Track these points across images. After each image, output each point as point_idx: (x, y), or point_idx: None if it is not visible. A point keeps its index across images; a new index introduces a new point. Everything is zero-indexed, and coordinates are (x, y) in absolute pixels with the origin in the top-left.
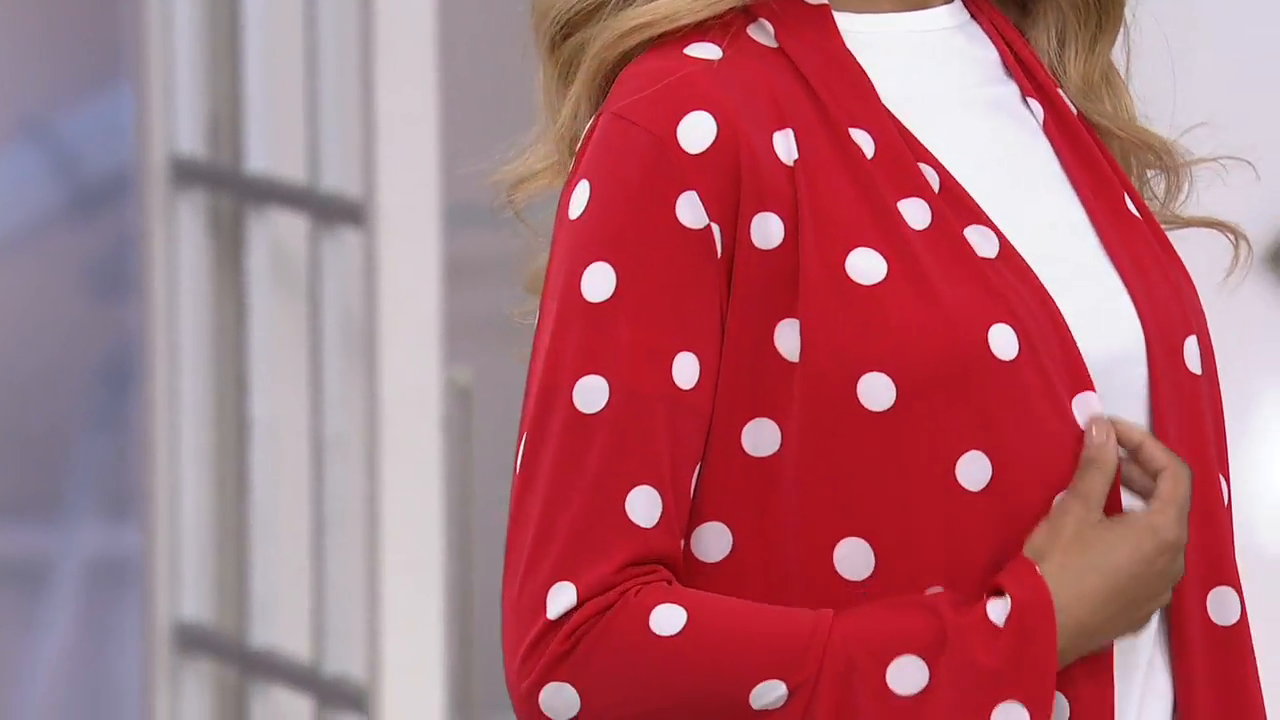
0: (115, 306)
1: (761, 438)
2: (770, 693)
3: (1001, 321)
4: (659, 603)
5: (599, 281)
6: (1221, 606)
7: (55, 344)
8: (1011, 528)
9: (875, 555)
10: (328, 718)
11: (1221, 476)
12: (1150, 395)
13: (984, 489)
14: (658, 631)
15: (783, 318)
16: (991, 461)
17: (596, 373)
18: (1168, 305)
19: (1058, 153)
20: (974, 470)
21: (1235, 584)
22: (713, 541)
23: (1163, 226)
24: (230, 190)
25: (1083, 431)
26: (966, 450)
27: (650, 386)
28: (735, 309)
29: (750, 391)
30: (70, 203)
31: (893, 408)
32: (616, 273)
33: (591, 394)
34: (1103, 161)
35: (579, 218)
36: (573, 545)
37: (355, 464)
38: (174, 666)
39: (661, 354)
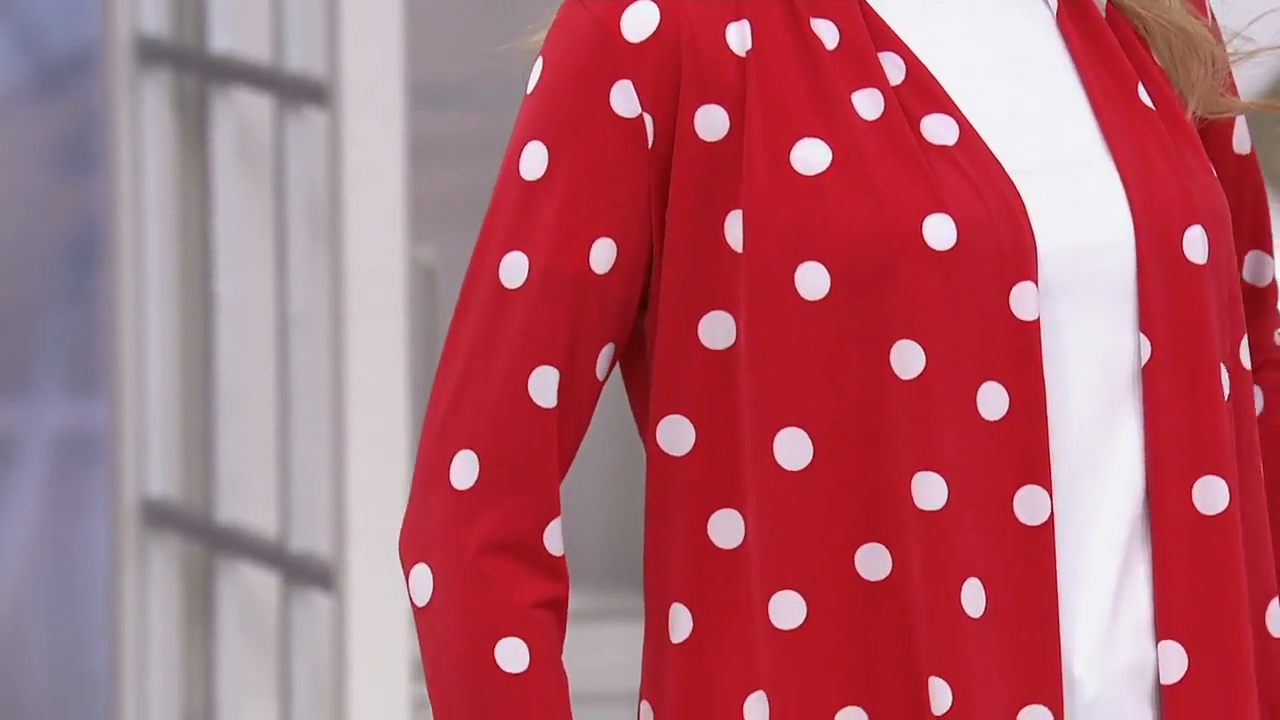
0: (80, 184)
1: (717, 331)
2: None
3: (940, 212)
4: (514, 634)
5: (534, 160)
6: (1208, 495)
7: (21, 220)
8: (942, 416)
9: (812, 444)
10: (294, 593)
11: (1226, 368)
12: (1137, 283)
13: (916, 377)
14: (500, 662)
15: (730, 209)
16: (925, 350)
17: (520, 249)
18: (1168, 194)
19: (1069, 44)
20: (907, 359)
21: (1226, 475)
22: (677, 434)
23: (1219, 113)
24: (195, 70)
25: (1019, 321)
26: (899, 339)
27: (567, 267)
28: (681, 202)
29: (704, 285)
30: (35, 80)
31: (828, 297)
32: (550, 153)
33: (513, 270)
34: (1119, 52)
35: (530, 94)
36: (478, 417)
37: (320, 342)
38: (141, 542)
39: (581, 236)
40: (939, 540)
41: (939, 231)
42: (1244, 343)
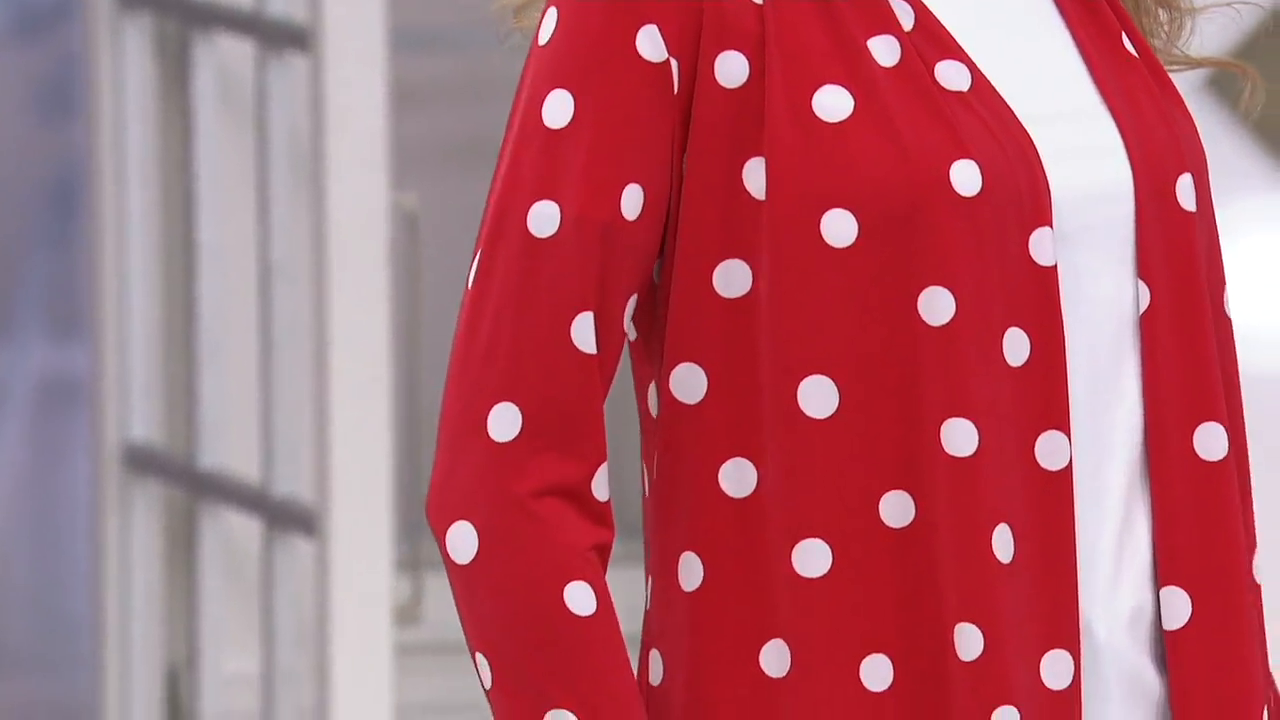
0: (61, 128)
1: (733, 278)
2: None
3: (965, 157)
4: (579, 577)
5: (558, 108)
6: (1208, 441)
7: (1, 165)
8: (971, 363)
9: (839, 392)
10: (276, 539)
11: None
12: (1136, 232)
13: (946, 324)
14: (569, 605)
15: (750, 156)
16: (954, 296)
17: (550, 198)
18: (1160, 143)
19: None
20: (936, 305)
21: (1222, 420)
22: (690, 383)
23: (1171, 67)
24: (176, 14)
25: (1039, 267)
26: (928, 285)
27: (600, 214)
28: (700, 147)
29: (721, 232)
30: (16, 24)
31: (855, 244)
32: (575, 101)
33: (544, 219)
34: (1102, 2)
35: (546, 44)
36: (519, 366)
37: (302, 287)
38: (123, 488)
39: (612, 183)
40: (969, 486)
41: (965, 177)
42: (1226, 290)
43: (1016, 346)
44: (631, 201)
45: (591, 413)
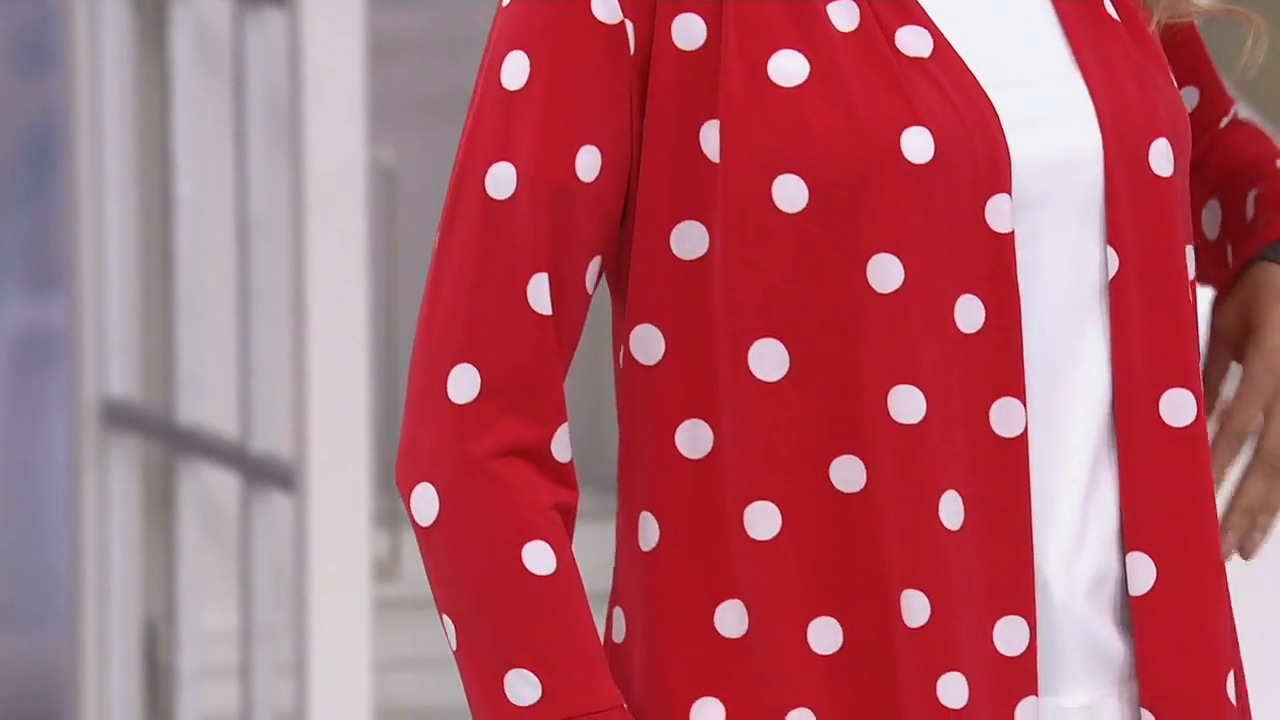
0: (38, 82)
1: (689, 240)
2: (528, 684)
3: (917, 125)
4: (538, 536)
5: (515, 70)
6: (1175, 408)
7: None
8: (919, 330)
9: (789, 356)
10: (255, 494)
11: (1189, 283)
12: (1105, 197)
13: (894, 291)
14: (528, 565)
15: (706, 119)
16: (903, 263)
17: (506, 159)
18: (1134, 108)
19: None
20: (884, 272)
21: (1193, 387)
22: (648, 343)
23: (1180, 18)
24: None
25: (995, 234)
26: (876, 252)
27: (551, 175)
28: (658, 109)
29: (678, 194)
30: None
31: (805, 209)
32: (531, 62)
33: (501, 180)
34: None
35: (507, 6)
36: (476, 327)
37: (281, 242)
38: (101, 443)
39: (565, 145)
40: (916, 453)
41: (916, 144)
42: (1189, 252)
43: (970, 313)
44: (587, 163)
45: (549, 374)
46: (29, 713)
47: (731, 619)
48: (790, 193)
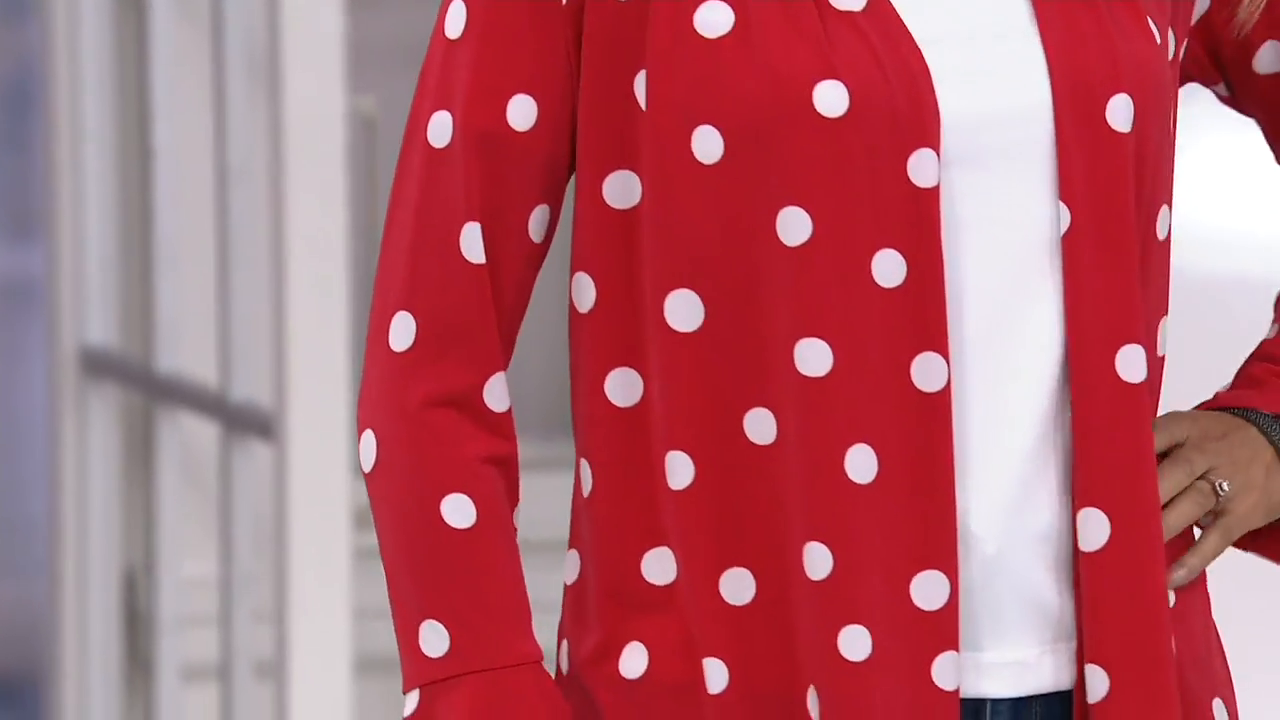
0: (16, 28)
1: (622, 189)
2: (438, 636)
3: (832, 78)
4: (460, 489)
5: (455, 19)
6: (1129, 364)
7: None
8: (828, 284)
9: (704, 307)
10: (235, 443)
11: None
12: (1056, 153)
13: (802, 245)
14: (446, 518)
15: (639, 69)
16: (811, 217)
17: (445, 108)
18: (1092, 62)
19: None
20: (793, 226)
21: (1144, 342)
22: (583, 291)
23: None
24: None
25: (916, 188)
26: (785, 205)
27: (480, 123)
28: (591, 60)
29: (612, 144)
30: None
31: (721, 161)
32: (468, 11)
33: (440, 129)
34: None
35: None
36: (414, 276)
37: (260, 191)
38: (80, 391)
39: (495, 93)
40: (821, 406)
41: (829, 98)
42: (1162, 212)
43: (889, 268)
44: (520, 111)
45: (482, 322)
46: (8, 660)
47: (659, 566)
48: (707, 144)
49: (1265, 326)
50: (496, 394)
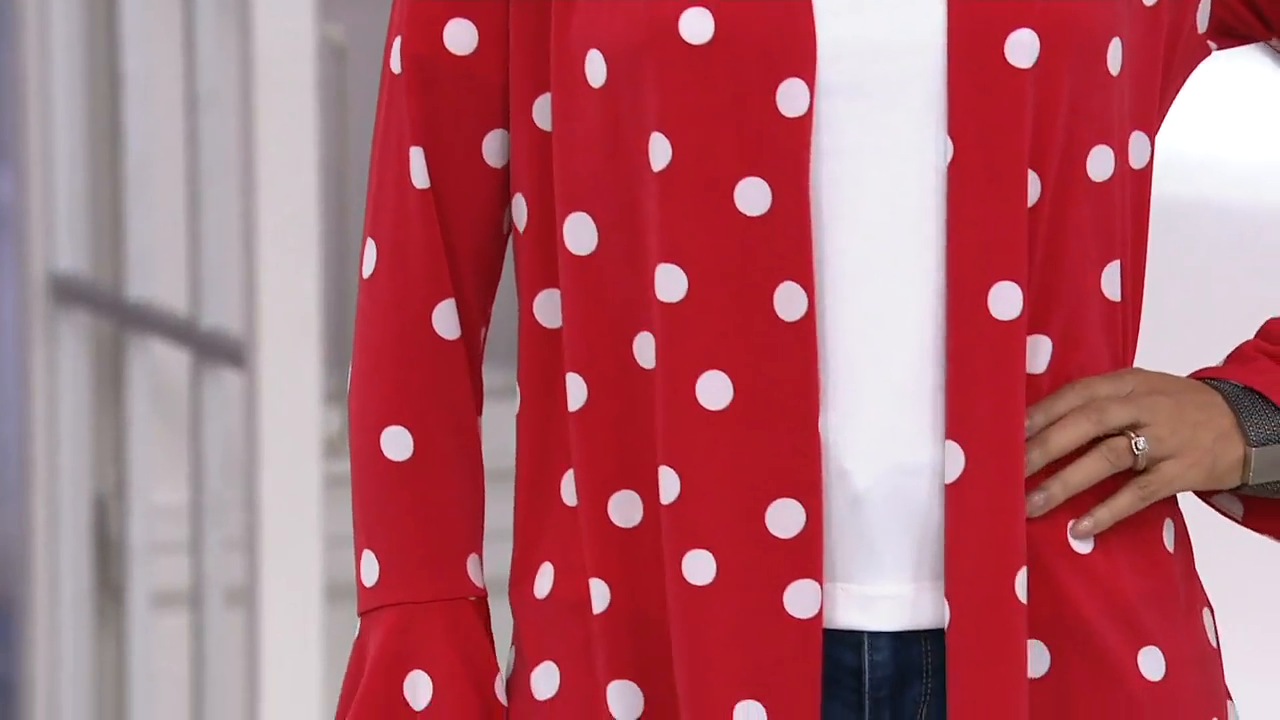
0: None
1: (545, 113)
2: (371, 566)
3: (698, 6)
4: (398, 421)
5: None
6: (1003, 301)
7: None
8: (687, 210)
9: (597, 230)
10: (205, 370)
11: (1037, 174)
12: (947, 86)
13: (663, 170)
14: (384, 450)
15: None
16: (670, 144)
17: (400, 34)
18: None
19: None
20: (659, 151)
21: (1020, 280)
22: (519, 213)
23: None
24: None
25: (784, 118)
26: (653, 131)
27: (418, 47)
28: None
29: (537, 68)
30: None
31: (604, 86)
32: None
33: (395, 56)
34: None
35: None
36: (375, 202)
37: (230, 119)
38: (50, 318)
39: (432, 17)
40: (676, 332)
41: (694, 25)
42: (1095, 152)
43: (753, 196)
44: (458, 35)
45: (427, 248)
46: None
47: (571, 489)
48: (595, 69)
49: (1229, 251)
50: (445, 319)
